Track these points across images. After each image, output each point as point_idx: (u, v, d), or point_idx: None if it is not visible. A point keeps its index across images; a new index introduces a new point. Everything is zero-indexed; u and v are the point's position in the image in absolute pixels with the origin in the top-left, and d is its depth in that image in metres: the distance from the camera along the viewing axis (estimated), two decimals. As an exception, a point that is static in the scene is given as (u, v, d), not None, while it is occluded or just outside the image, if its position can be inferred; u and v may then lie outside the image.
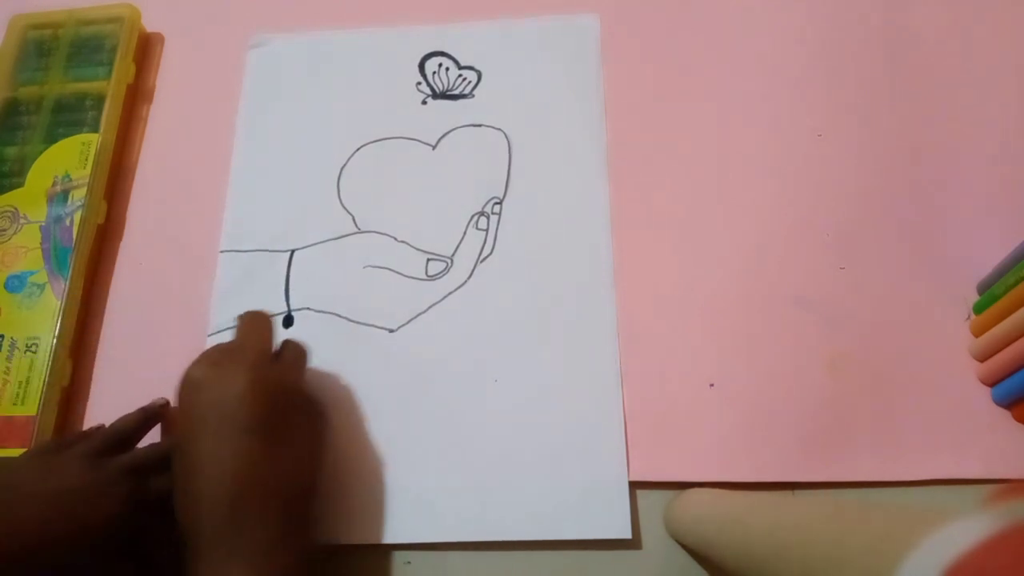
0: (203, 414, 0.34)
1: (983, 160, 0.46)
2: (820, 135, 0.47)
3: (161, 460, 0.37)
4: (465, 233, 0.46)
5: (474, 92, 0.50)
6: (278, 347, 0.40)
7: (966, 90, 0.47)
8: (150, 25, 0.54)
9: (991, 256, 0.41)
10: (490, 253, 0.46)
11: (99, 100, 0.50)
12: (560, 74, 0.50)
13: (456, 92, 0.50)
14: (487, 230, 0.46)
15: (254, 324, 0.38)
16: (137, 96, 0.52)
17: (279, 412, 0.35)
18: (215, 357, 0.36)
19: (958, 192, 0.45)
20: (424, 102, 0.50)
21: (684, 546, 0.39)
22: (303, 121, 0.50)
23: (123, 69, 0.51)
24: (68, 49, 0.52)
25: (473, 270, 0.45)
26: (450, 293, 0.45)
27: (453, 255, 0.46)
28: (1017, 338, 0.37)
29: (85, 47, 0.52)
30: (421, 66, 0.51)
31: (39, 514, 0.34)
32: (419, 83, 0.51)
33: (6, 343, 0.44)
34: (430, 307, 0.45)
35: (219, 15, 0.55)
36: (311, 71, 0.52)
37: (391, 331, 0.44)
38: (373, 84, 0.51)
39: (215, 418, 0.33)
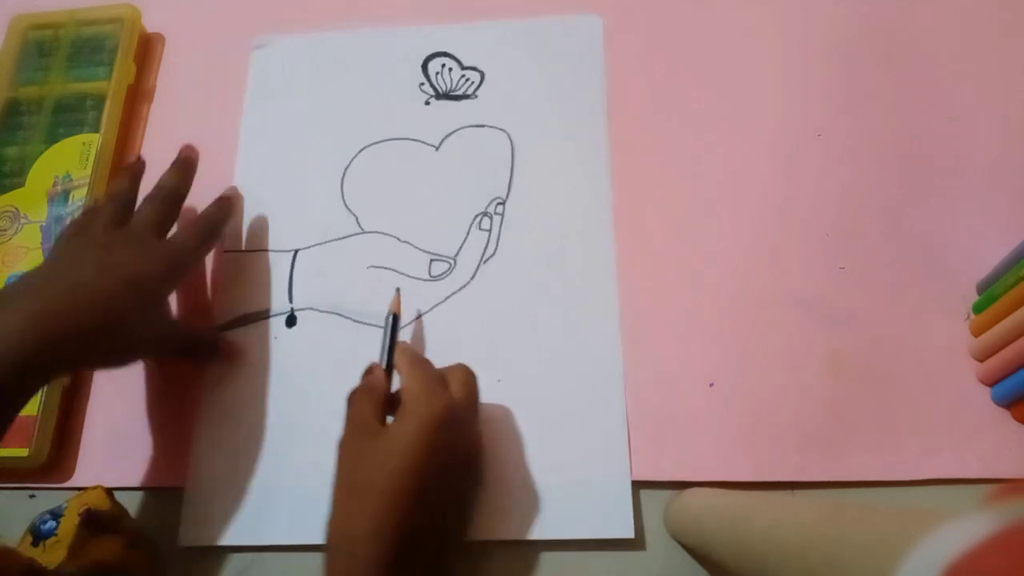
0: (440, 449, 0.34)
1: (983, 160, 0.46)
2: (820, 135, 0.47)
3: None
4: (468, 233, 0.46)
5: (477, 92, 0.50)
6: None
7: (966, 90, 0.47)
8: (150, 25, 0.54)
9: (991, 256, 0.41)
10: (493, 253, 0.46)
11: (100, 100, 0.50)
12: (563, 75, 0.50)
13: (459, 93, 0.50)
14: (490, 230, 0.46)
15: (473, 379, 0.39)
16: (137, 96, 0.52)
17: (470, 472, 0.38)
18: (466, 403, 0.37)
19: (958, 192, 0.45)
20: (427, 103, 0.50)
21: (684, 546, 0.39)
22: (307, 122, 0.50)
23: (123, 69, 0.51)
24: (69, 49, 0.52)
25: (476, 270, 0.45)
26: (453, 293, 0.45)
27: (456, 255, 0.46)
28: (1017, 338, 0.37)
29: (86, 47, 0.52)
30: (424, 66, 0.51)
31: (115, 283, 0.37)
32: (422, 84, 0.51)
33: (7, 343, 0.44)
34: (433, 307, 0.45)
35: (219, 15, 0.55)
36: (315, 72, 0.52)
37: None
38: (376, 85, 0.51)
39: (443, 459, 0.34)
